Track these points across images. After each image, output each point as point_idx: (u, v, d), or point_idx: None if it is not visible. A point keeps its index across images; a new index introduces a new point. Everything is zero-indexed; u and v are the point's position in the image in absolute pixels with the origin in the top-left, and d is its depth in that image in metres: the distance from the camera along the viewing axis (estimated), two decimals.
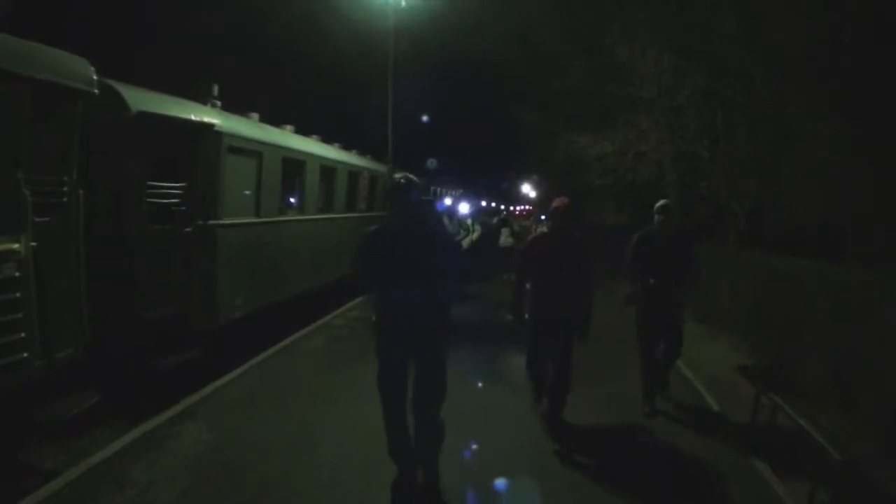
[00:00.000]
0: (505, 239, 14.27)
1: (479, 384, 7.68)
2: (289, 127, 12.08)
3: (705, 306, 12.02)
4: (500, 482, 4.93)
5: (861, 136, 10.42)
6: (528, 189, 46.95)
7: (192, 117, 7.96)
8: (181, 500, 4.56)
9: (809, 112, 11.36)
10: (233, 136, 8.77)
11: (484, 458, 5.40)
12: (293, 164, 11.27)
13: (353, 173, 15.38)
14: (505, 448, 5.61)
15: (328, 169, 13.27)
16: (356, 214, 15.53)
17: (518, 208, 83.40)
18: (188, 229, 7.80)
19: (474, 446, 5.64)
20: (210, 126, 8.20)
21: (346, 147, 16.11)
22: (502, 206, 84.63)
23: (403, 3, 17.72)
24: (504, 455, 5.45)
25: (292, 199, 11.77)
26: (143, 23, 26.26)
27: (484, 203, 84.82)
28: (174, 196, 7.72)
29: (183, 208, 7.81)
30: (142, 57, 22.47)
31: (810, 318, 7.67)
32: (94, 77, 5.63)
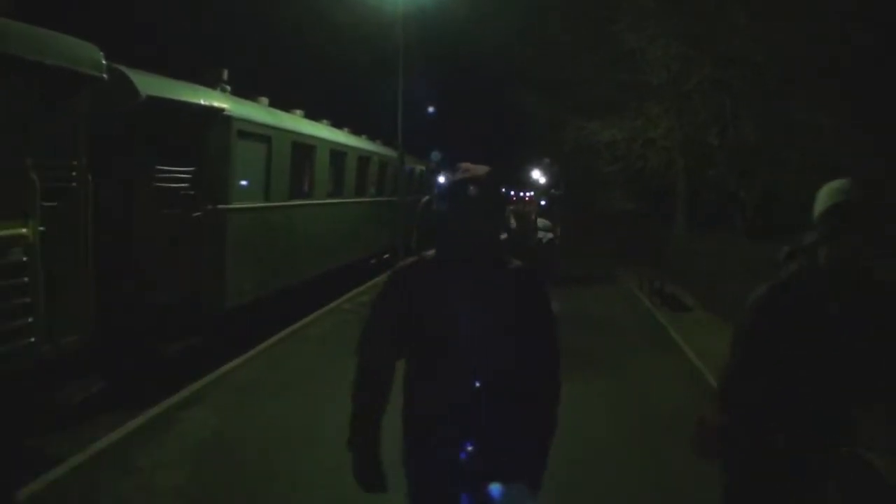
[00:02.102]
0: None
1: None
2: (298, 112, 12.04)
3: (712, 293, 12.02)
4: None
5: (864, 128, 10.44)
6: (538, 175, 46.66)
7: (202, 102, 7.93)
8: (186, 486, 4.59)
9: (810, 105, 11.37)
10: (242, 120, 8.74)
11: None
12: (303, 149, 11.24)
13: (363, 158, 15.34)
14: None
15: (338, 153, 13.24)
16: (366, 199, 15.51)
17: (527, 194, 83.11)
18: (197, 214, 7.80)
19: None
20: (220, 110, 8.18)
21: (356, 132, 16.07)
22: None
23: None
24: None
25: (302, 184, 11.75)
26: (153, 9, 26.16)
27: None
28: (183, 180, 7.72)
29: (192, 193, 7.81)
30: (151, 43, 22.46)
31: None
32: (103, 62, 5.61)
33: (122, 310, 6.62)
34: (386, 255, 17.44)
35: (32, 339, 4.80)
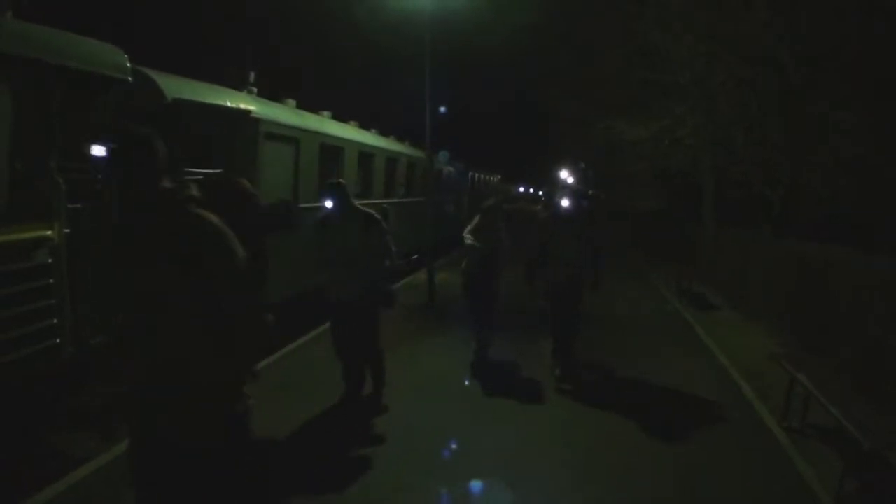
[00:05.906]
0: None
1: None
2: (326, 113, 12.07)
3: (739, 292, 11.95)
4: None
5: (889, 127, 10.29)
6: (565, 174, 46.24)
7: (228, 104, 7.97)
8: None
9: (835, 103, 11.21)
10: (269, 122, 8.77)
11: None
12: (331, 150, 11.26)
13: (392, 159, 15.34)
14: None
15: (366, 155, 13.25)
16: (395, 200, 15.51)
17: (525, 189, 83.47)
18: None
19: None
20: (246, 113, 8.21)
21: (384, 133, 16.08)
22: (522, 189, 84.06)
23: None
24: None
25: None
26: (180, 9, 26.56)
27: (522, 189, 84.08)
28: None
29: None
30: (177, 43, 22.75)
31: (841, 306, 7.59)
32: (128, 65, 5.65)
33: None
34: (414, 256, 17.42)
35: (58, 341, 4.84)
